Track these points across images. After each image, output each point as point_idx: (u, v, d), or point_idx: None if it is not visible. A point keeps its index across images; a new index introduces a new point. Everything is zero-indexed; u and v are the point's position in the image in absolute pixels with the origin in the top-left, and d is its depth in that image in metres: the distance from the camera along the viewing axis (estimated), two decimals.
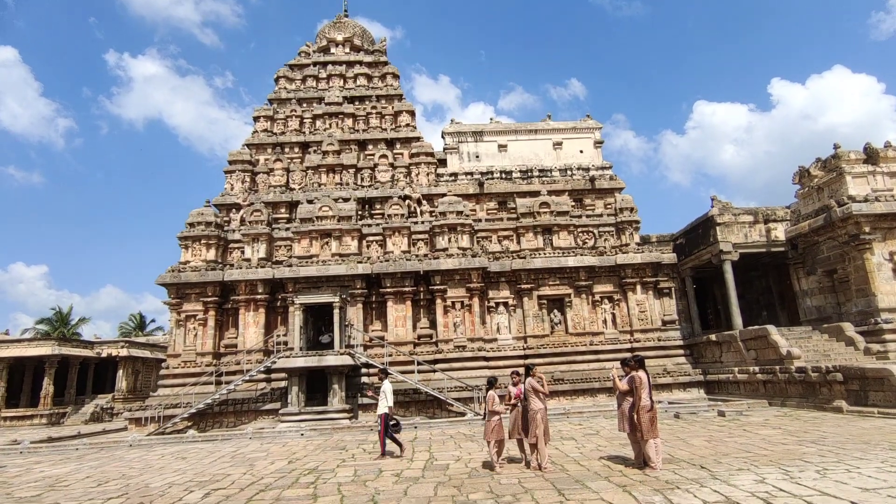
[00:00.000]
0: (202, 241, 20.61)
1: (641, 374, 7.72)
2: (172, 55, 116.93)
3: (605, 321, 20.84)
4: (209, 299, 19.87)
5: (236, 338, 20.04)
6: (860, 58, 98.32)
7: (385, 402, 9.93)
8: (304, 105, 25.47)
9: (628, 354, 19.11)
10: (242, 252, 21.06)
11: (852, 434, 9.61)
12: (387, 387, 10.19)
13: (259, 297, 19.97)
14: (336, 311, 18.39)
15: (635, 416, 7.64)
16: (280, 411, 17.57)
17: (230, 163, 23.32)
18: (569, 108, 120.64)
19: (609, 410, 15.52)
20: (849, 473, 6.64)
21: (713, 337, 19.17)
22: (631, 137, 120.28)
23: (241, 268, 20.14)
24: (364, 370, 18.93)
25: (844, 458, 7.55)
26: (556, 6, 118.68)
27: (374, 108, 25.15)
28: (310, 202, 22.00)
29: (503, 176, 24.59)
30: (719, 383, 18.40)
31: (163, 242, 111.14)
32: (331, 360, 17.40)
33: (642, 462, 7.63)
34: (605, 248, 21.30)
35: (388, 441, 9.93)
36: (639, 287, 20.84)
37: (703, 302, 23.85)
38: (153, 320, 50.04)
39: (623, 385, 7.91)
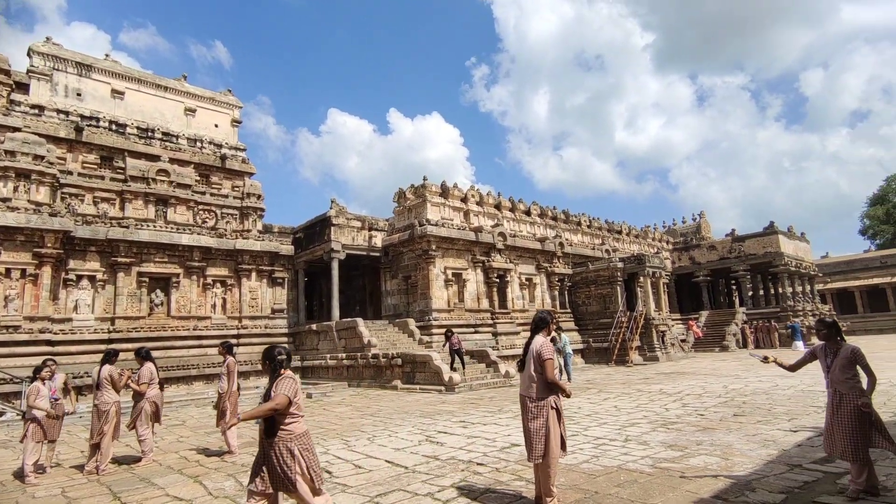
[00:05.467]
0: None
1: (231, 359, 7.81)
2: None
3: (214, 305, 19.97)
4: None
5: None
6: (452, 112, 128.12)
7: None
8: None
9: (234, 340, 19.02)
10: None
11: (399, 406, 12.19)
12: None
13: None
14: None
15: (223, 402, 7.64)
16: None
17: None
18: (210, 73, 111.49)
19: (202, 399, 14.95)
20: (389, 438, 8.37)
21: (314, 326, 21.00)
22: (272, 124, 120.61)
23: None
24: None
25: (389, 426, 9.48)
26: None
27: None
28: None
29: (114, 128, 20.58)
30: (314, 368, 20.25)
31: None
32: None
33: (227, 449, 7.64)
34: (225, 230, 20.49)
35: None
36: (254, 274, 20.92)
37: (311, 294, 25.92)
38: None
39: (138, 387, 7.43)
